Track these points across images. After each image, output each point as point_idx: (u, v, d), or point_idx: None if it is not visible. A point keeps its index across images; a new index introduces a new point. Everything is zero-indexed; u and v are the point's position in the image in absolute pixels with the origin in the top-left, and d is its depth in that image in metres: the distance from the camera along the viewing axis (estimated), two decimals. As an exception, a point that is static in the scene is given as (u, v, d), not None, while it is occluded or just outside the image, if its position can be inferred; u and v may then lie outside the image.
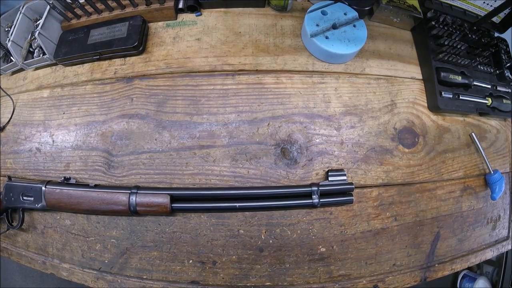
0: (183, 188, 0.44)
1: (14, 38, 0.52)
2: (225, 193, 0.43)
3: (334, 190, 0.43)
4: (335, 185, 0.43)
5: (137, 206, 0.42)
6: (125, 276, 0.44)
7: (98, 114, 0.49)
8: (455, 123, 0.53)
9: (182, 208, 0.42)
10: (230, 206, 0.42)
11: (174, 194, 0.42)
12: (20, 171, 0.51)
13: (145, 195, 0.42)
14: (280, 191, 0.43)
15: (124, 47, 0.49)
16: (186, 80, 0.48)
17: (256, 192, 0.43)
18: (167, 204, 0.41)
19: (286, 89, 0.48)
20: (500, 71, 0.56)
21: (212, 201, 0.43)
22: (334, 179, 0.44)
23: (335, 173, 0.44)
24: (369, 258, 0.45)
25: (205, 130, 0.46)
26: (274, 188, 0.44)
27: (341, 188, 0.44)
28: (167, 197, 0.41)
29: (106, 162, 0.47)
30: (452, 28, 0.52)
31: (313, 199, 0.42)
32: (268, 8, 0.53)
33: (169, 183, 0.45)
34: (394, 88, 0.51)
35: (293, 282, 0.43)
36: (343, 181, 0.44)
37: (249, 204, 0.42)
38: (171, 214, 0.43)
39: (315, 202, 0.42)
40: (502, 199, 0.55)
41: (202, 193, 0.43)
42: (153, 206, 0.42)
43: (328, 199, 0.43)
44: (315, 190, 0.43)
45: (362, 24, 0.49)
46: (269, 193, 0.43)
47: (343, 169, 0.45)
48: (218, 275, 0.43)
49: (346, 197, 0.44)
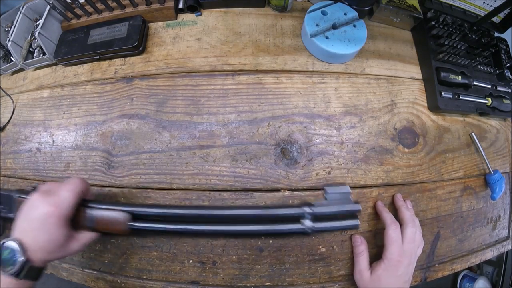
0: (146, 205, 0.38)
1: (14, 38, 0.52)
2: (202, 213, 0.36)
3: (333, 214, 0.36)
4: (334, 205, 0.36)
5: (95, 221, 0.35)
6: (125, 276, 0.44)
7: (98, 114, 0.49)
8: (455, 123, 0.53)
9: (142, 228, 0.36)
10: (196, 229, 0.36)
11: (135, 212, 0.35)
12: (20, 171, 0.51)
13: (101, 210, 0.36)
14: (259, 212, 0.36)
15: (124, 47, 0.49)
16: (186, 80, 0.48)
17: (233, 213, 0.36)
18: (124, 223, 0.35)
19: (286, 89, 0.48)
20: (500, 71, 0.56)
21: (179, 223, 0.37)
22: (334, 197, 0.36)
23: (335, 191, 0.36)
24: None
25: (205, 130, 0.46)
26: (253, 208, 0.37)
27: (343, 211, 0.36)
28: (125, 215, 0.35)
29: (106, 162, 0.47)
30: (452, 28, 0.52)
31: (303, 224, 0.35)
32: (268, 8, 0.53)
33: (169, 183, 0.45)
34: (394, 88, 0.51)
35: (293, 282, 0.43)
36: (345, 200, 0.36)
37: (219, 228, 0.36)
38: (129, 234, 0.37)
39: (307, 228, 0.34)
40: (502, 199, 0.55)
41: (167, 212, 0.36)
42: (107, 224, 0.35)
43: (326, 224, 0.35)
44: (307, 213, 0.34)
45: (362, 24, 0.49)
46: (248, 215, 0.36)
47: (346, 184, 0.38)
48: (218, 275, 0.43)
49: (350, 221, 0.36)
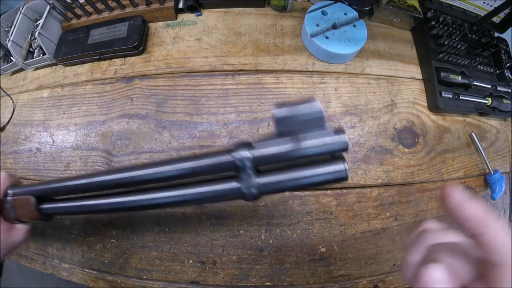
0: (48, 182, 0.31)
1: (14, 38, 0.52)
2: (115, 177, 0.26)
3: (292, 156, 0.21)
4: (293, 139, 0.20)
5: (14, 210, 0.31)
6: (125, 276, 0.44)
7: (98, 114, 0.49)
8: (455, 123, 0.53)
9: (53, 210, 0.31)
10: (107, 203, 0.27)
11: (39, 191, 0.30)
12: (20, 171, 0.51)
13: (12, 197, 0.31)
14: (173, 168, 0.24)
15: (124, 47, 0.49)
16: (186, 80, 0.48)
17: (139, 174, 0.25)
18: (32, 207, 0.30)
19: (286, 89, 0.48)
20: (500, 71, 0.56)
21: (90, 198, 0.29)
22: (291, 126, 0.20)
23: (291, 113, 0.20)
24: (369, 258, 0.45)
25: (205, 130, 0.46)
26: (164, 164, 0.25)
27: (313, 150, 0.20)
28: (30, 198, 0.30)
29: (106, 162, 0.47)
30: (452, 28, 0.52)
31: (241, 179, 0.22)
32: (268, 8, 0.53)
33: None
34: (394, 88, 0.51)
35: (293, 282, 0.43)
36: (314, 126, 0.20)
37: (133, 199, 0.26)
38: (47, 220, 0.33)
39: (244, 187, 0.22)
40: (502, 199, 0.55)
41: (70, 185, 0.28)
42: (20, 211, 0.31)
43: (280, 177, 0.22)
44: (245, 158, 0.21)
45: (362, 24, 0.49)
46: (161, 174, 0.24)
47: (313, 98, 0.20)
48: (218, 275, 0.43)
49: (326, 167, 0.21)
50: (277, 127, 0.21)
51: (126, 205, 0.27)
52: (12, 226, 0.34)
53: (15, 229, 0.35)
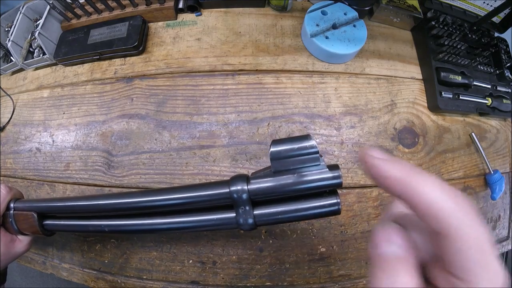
0: (50, 200, 0.33)
1: (14, 38, 0.52)
2: (112, 202, 0.27)
3: (287, 190, 0.21)
4: (288, 174, 0.21)
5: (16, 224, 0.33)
6: (125, 276, 0.44)
7: (98, 114, 0.49)
8: (455, 123, 0.53)
9: (56, 227, 0.33)
10: (97, 225, 0.29)
11: (43, 208, 0.32)
12: (20, 171, 0.51)
13: (14, 211, 0.33)
14: (172, 197, 0.24)
15: (124, 47, 0.49)
16: (186, 80, 0.48)
17: (139, 201, 0.26)
18: (34, 223, 0.32)
19: (286, 89, 0.48)
20: (500, 71, 0.56)
21: (88, 219, 0.30)
22: (286, 162, 0.21)
23: (286, 147, 0.20)
24: (369, 258, 0.45)
25: (205, 130, 0.46)
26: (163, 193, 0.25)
27: (307, 185, 0.20)
28: (32, 214, 0.32)
29: (106, 162, 0.47)
30: (452, 28, 0.52)
31: (239, 213, 0.22)
32: (268, 8, 0.53)
33: (169, 183, 0.45)
34: (394, 88, 0.51)
35: (293, 282, 0.43)
36: (308, 162, 0.20)
37: (132, 223, 0.27)
38: (49, 235, 0.34)
39: (242, 219, 0.22)
40: (502, 199, 0.55)
41: (78, 205, 0.29)
42: (22, 225, 0.33)
43: (274, 209, 0.22)
44: (241, 191, 0.22)
45: (362, 24, 0.49)
46: (161, 204, 0.25)
47: (308, 134, 0.20)
48: (218, 275, 0.43)
49: (320, 201, 0.21)
50: (273, 164, 0.21)
51: (123, 229, 0.28)
52: (14, 238, 0.35)
53: (17, 241, 0.35)
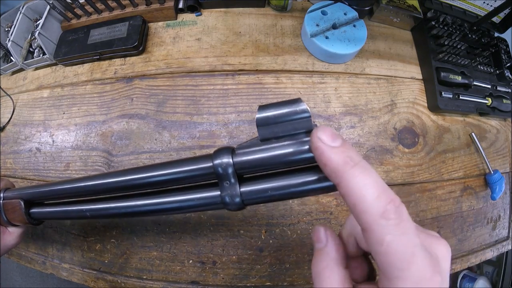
0: (41, 185, 0.30)
1: (14, 38, 0.52)
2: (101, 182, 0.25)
3: (278, 161, 0.18)
4: (278, 143, 0.18)
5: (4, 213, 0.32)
6: (125, 276, 0.44)
7: (98, 114, 0.49)
8: (455, 123, 0.53)
9: (41, 215, 0.31)
10: (79, 209, 0.27)
11: (28, 194, 0.30)
12: (20, 171, 0.51)
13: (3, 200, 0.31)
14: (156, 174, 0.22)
15: (124, 47, 0.49)
16: (186, 80, 0.48)
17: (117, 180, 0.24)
18: (21, 212, 0.30)
19: (286, 89, 0.48)
20: (500, 71, 0.56)
21: (76, 204, 0.28)
22: (275, 129, 0.18)
23: (275, 112, 0.18)
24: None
25: (205, 130, 0.46)
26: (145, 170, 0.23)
27: (297, 155, 0.18)
28: (18, 202, 0.30)
29: (106, 162, 0.47)
30: (452, 28, 0.52)
31: (224, 189, 0.19)
32: (268, 8, 0.53)
33: (169, 183, 0.44)
34: (394, 88, 0.51)
35: (293, 282, 0.43)
36: (299, 129, 0.18)
37: (118, 205, 0.25)
38: (37, 224, 0.33)
39: (231, 201, 0.20)
40: (502, 199, 0.55)
41: (66, 188, 0.27)
42: (10, 215, 0.32)
43: (263, 186, 0.19)
44: (226, 164, 0.19)
45: (362, 24, 0.49)
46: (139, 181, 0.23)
47: (299, 99, 0.18)
48: (218, 275, 0.43)
49: (311, 175, 0.18)
50: (260, 130, 0.18)
51: (104, 213, 0.26)
52: (4, 230, 0.35)
53: (7, 233, 0.35)
